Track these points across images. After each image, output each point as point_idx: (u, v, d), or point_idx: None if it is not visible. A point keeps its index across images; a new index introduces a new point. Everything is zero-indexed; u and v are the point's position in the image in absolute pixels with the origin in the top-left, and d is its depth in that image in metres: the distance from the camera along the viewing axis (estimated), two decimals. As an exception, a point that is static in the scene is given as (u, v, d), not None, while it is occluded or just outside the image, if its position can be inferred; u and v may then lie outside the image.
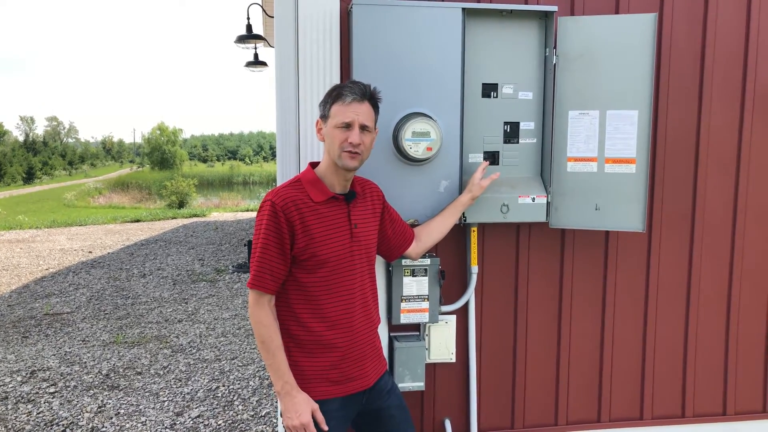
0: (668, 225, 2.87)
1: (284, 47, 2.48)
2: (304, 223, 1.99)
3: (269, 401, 4.40)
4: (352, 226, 2.09)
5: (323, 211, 2.04)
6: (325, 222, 2.03)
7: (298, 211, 1.99)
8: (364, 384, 2.14)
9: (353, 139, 1.99)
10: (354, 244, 2.09)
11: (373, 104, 2.07)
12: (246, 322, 6.33)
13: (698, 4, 2.77)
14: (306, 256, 2.00)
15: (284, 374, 2.00)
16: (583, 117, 2.55)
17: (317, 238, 2.00)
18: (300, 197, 2.02)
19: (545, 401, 2.88)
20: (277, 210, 1.97)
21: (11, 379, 4.84)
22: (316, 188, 2.05)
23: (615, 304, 2.87)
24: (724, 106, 2.84)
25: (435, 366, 2.77)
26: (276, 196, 2.00)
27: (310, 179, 2.07)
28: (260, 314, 2.00)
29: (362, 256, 2.12)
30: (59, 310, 6.87)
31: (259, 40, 8.96)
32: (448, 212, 2.45)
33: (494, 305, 2.79)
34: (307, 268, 2.02)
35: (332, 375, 2.07)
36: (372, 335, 2.19)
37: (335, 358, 2.06)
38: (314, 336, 2.04)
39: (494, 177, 2.46)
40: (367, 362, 2.15)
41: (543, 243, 2.80)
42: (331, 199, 2.06)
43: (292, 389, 2.00)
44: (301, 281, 2.04)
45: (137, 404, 4.36)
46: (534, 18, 2.55)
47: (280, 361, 2.00)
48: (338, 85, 2.06)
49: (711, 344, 2.97)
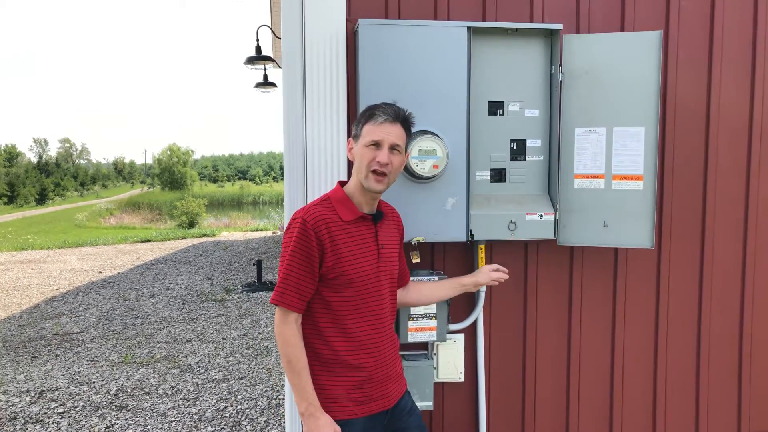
0: (678, 241, 2.84)
1: (292, 67, 2.50)
2: (334, 241, 1.98)
3: (277, 421, 4.37)
4: (379, 246, 2.09)
5: (352, 230, 2.03)
6: (354, 241, 2.02)
7: (328, 229, 1.98)
8: (387, 404, 2.12)
9: (381, 158, 1.99)
10: (381, 264, 2.08)
11: (406, 127, 2.07)
12: (254, 341, 6.31)
13: (704, 20, 2.78)
14: (334, 275, 1.99)
15: (309, 395, 1.97)
16: (589, 134, 2.55)
17: (345, 257, 2.00)
18: (330, 216, 2.01)
19: (556, 421, 2.84)
20: (308, 228, 1.96)
21: (20, 399, 4.84)
22: (345, 207, 2.05)
23: (625, 322, 2.84)
24: (733, 121, 2.83)
25: (443, 385, 2.74)
26: (307, 214, 1.99)
27: (339, 198, 2.07)
28: (287, 333, 1.97)
29: (387, 277, 2.12)
30: (69, 330, 6.89)
31: (269, 62, 9.05)
32: (447, 285, 2.43)
33: (503, 323, 2.77)
34: (333, 287, 2.01)
35: (356, 395, 2.05)
36: (395, 356, 2.18)
37: (361, 379, 2.05)
38: (338, 356, 2.03)
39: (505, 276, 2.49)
40: (390, 383, 2.13)
41: (551, 260, 2.78)
42: (359, 219, 2.06)
43: (316, 411, 1.97)
44: (327, 300, 2.02)
45: (145, 424, 4.34)
46: (539, 36, 2.57)
47: (305, 381, 1.97)
48: (373, 105, 2.07)
49: (724, 361, 2.92)
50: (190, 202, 23.14)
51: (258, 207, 43.30)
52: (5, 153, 69.84)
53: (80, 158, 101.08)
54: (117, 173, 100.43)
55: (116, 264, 11.58)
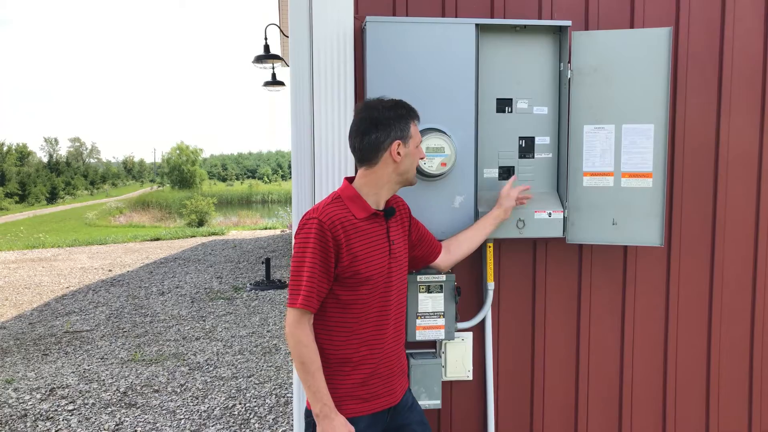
0: (688, 239, 2.82)
1: (299, 65, 2.50)
2: (349, 241, 1.98)
3: (285, 419, 4.38)
4: (390, 242, 2.09)
5: (364, 227, 2.03)
6: (367, 239, 2.02)
7: (344, 229, 1.97)
8: (392, 401, 2.12)
9: (423, 155, 2.19)
10: (392, 261, 2.08)
11: None
12: (263, 339, 6.33)
13: (715, 16, 2.75)
14: (349, 274, 1.98)
15: (323, 396, 1.96)
16: (598, 131, 2.53)
17: (360, 255, 1.99)
18: (344, 215, 2.00)
19: (564, 419, 2.83)
20: (325, 229, 1.95)
21: (30, 396, 4.87)
22: (357, 205, 2.04)
23: (635, 321, 2.82)
24: (745, 118, 2.80)
25: (451, 384, 2.73)
26: (322, 215, 1.97)
27: (350, 195, 2.05)
28: (301, 334, 1.95)
29: (397, 273, 2.12)
30: (79, 328, 6.93)
31: (277, 60, 9.07)
32: (480, 225, 2.42)
33: (511, 322, 2.76)
34: (348, 286, 2.00)
35: (361, 392, 2.05)
36: (400, 352, 2.18)
37: (365, 375, 2.05)
38: (344, 353, 2.03)
39: (524, 188, 2.46)
40: (394, 379, 2.13)
41: (560, 258, 2.77)
42: (372, 216, 2.05)
43: (331, 412, 1.96)
44: (341, 299, 2.01)
45: (154, 422, 4.36)
46: (548, 33, 2.55)
47: (320, 382, 1.96)
48: (401, 103, 2.08)
49: (735, 359, 2.90)
50: (200, 200, 23.26)
51: (267, 205, 43.43)
52: (16, 152, 70.36)
53: (90, 157, 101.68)
54: (127, 172, 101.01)
55: (126, 262, 11.65)
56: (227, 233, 17.42)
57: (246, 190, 58.09)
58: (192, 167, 56.52)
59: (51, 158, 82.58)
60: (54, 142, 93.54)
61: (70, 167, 75.01)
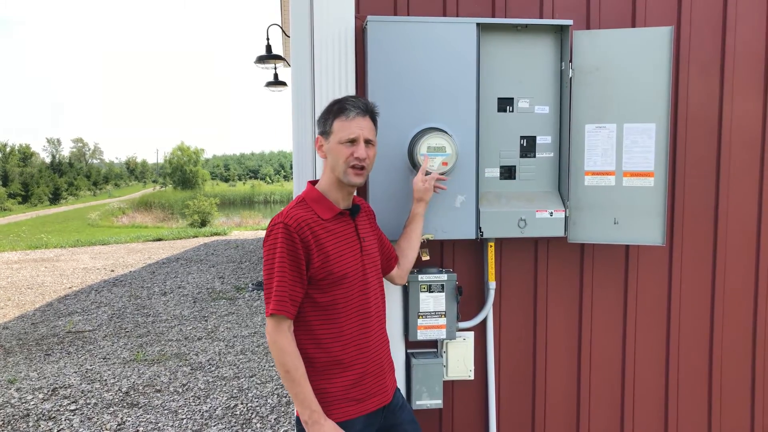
0: (690, 238, 2.82)
1: (301, 65, 2.50)
2: (318, 241, 1.96)
3: (287, 419, 4.38)
4: (360, 240, 2.08)
5: (333, 227, 2.02)
6: (337, 238, 2.02)
7: (311, 230, 1.96)
8: (385, 399, 2.12)
9: (360, 153, 1.99)
10: (365, 257, 2.08)
11: (373, 119, 2.07)
12: (264, 339, 6.32)
13: (717, 15, 2.75)
14: (322, 275, 1.97)
15: (311, 403, 1.94)
16: (600, 130, 2.53)
17: (332, 255, 1.98)
18: (310, 216, 1.99)
19: (566, 418, 2.83)
20: (291, 231, 1.93)
21: (33, 396, 4.88)
22: (322, 206, 2.04)
23: (636, 320, 2.82)
24: (746, 117, 2.80)
25: (453, 383, 2.73)
26: (287, 218, 1.96)
27: (314, 197, 2.05)
28: (283, 342, 1.93)
29: (372, 270, 2.11)
30: (81, 328, 6.94)
31: (279, 60, 9.06)
32: (409, 228, 2.35)
33: (513, 321, 2.76)
34: (322, 288, 1.99)
35: (354, 393, 2.04)
36: (387, 349, 2.18)
37: (356, 375, 2.04)
38: (333, 357, 2.01)
39: (435, 176, 2.33)
40: (385, 376, 2.13)
41: (562, 257, 2.76)
42: (338, 215, 2.05)
43: (320, 417, 1.95)
44: (318, 302, 2.00)
45: (156, 422, 4.37)
46: (549, 32, 2.55)
47: (306, 389, 1.94)
48: (338, 100, 2.05)
49: (737, 358, 2.89)
50: (202, 201, 23.24)
51: (269, 206, 43.44)
52: (19, 153, 70.50)
53: (93, 158, 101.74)
54: (129, 172, 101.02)
55: (128, 262, 11.66)
56: (230, 233, 17.42)
57: (248, 190, 58.08)
58: (194, 168, 56.53)
59: (54, 159, 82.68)
60: (57, 143, 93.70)
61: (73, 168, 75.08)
